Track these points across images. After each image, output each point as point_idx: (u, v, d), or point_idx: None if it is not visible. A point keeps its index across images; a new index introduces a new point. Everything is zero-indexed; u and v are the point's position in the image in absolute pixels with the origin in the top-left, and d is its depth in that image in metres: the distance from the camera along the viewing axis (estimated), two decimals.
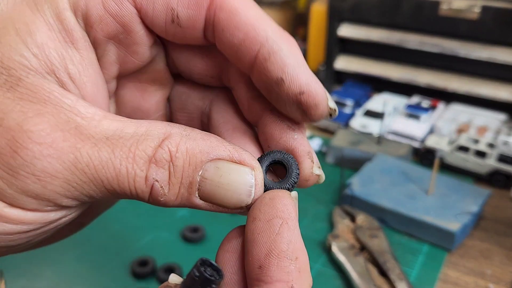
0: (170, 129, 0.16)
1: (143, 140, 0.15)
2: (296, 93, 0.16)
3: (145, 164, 0.15)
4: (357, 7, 0.72)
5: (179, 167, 0.15)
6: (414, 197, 0.49)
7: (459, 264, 0.44)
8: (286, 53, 0.16)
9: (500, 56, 0.64)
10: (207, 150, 0.15)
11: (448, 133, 0.62)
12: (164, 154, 0.15)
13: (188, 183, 0.15)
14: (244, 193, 0.15)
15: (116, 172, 0.15)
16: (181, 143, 0.15)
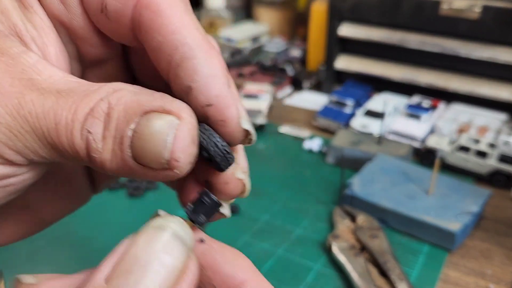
0: (123, 85, 0.15)
1: (91, 94, 0.14)
2: (203, 104, 0.15)
3: (84, 115, 0.14)
4: (357, 6, 0.72)
5: (113, 119, 0.14)
6: (414, 197, 0.49)
7: (460, 264, 0.44)
8: (200, 61, 0.15)
9: (501, 56, 0.64)
10: (143, 102, 0.14)
11: (448, 133, 0.61)
12: (103, 105, 0.14)
13: (120, 138, 0.14)
14: (160, 144, 0.14)
15: (56, 122, 0.14)
16: (123, 96, 0.14)
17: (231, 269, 0.15)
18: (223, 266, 0.15)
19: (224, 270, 0.15)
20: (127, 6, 0.15)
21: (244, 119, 0.15)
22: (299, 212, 0.51)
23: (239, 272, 0.15)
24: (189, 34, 0.15)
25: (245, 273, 0.15)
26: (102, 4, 0.16)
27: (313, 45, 0.86)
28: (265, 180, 0.57)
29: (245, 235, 0.47)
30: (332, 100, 0.70)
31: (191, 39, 0.15)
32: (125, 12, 0.16)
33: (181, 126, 0.14)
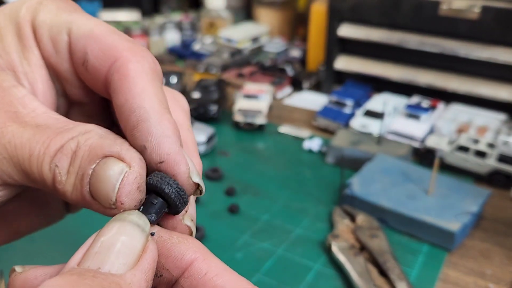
0: (92, 128, 0.17)
1: (64, 132, 0.16)
2: (156, 162, 0.17)
3: (55, 151, 0.16)
4: (357, 7, 0.72)
5: (78, 158, 0.16)
6: (414, 197, 0.49)
7: (459, 264, 0.44)
8: (153, 123, 0.16)
9: (500, 56, 0.64)
10: (105, 146, 0.16)
11: (448, 133, 0.62)
12: (72, 144, 0.16)
13: (82, 175, 0.16)
14: (110, 188, 0.16)
15: (30, 153, 0.16)
16: (91, 138, 0.16)
17: (179, 251, 0.16)
18: (172, 250, 0.16)
19: (173, 253, 0.16)
20: (104, 66, 0.17)
21: (194, 174, 0.17)
22: (299, 212, 0.51)
23: (187, 253, 0.16)
24: (147, 99, 0.17)
25: (193, 253, 0.16)
26: (84, 58, 0.18)
27: (313, 45, 0.86)
28: (264, 180, 0.57)
29: (245, 235, 0.47)
30: (332, 100, 0.70)
31: (148, 104, 0.17)
32: (101, 70, 0.18)
33: (129, 174, 0.16)
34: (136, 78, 0.17)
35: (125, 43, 0.18)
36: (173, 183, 0.16)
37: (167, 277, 0.16)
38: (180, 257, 0.16)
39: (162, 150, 0.16)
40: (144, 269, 0.15)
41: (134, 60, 0.17)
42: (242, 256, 0.44)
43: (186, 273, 0.16)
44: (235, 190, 0.54)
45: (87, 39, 0.18)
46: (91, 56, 0.18)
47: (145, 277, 0.15)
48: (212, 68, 0.87)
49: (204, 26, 1.04)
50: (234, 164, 0.60)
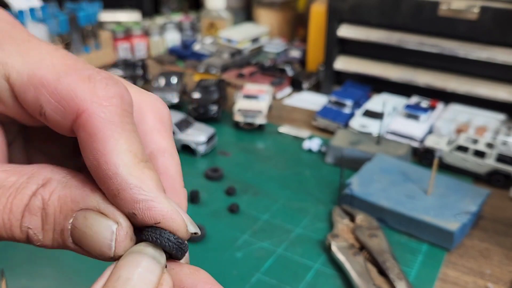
0: (51, 176, 0.16)
1: (22, 189, 0.16)
2: (151, 223, 0.16)
3: (21, 213, 0.16)
4: (356, 7, 0.73)
5: (50, 215, 0.16)
6: (413, 197, 0.49)
7: (458, 263, 0.44)
8: (135, 190, 0.16)
9: (499, 56, 0.64)
10: (78, 199, 0.16)
11: (447, 133, 0.62)
12: (37, 202, 0.16)
13: (60, 230, 0.16)
14: (105, 246, 0.16)
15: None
16: (55, 190, 0.16)
17: (191, 282, 0.16)
18: (184, 281, 0.16)
19: (185, 284, 0.16)
20: (66, 120, 0.16)
21: (191, 225, 0.17)
22: (298, 211, 0.51)
23: (198, 283, 0.16)
24: (121, 162, 0.16)
25: (203, 283, 0.16)
26: (40, 110, 0.16)
27: (312, 46, 0.86)
28: (264, 179, 0.57)
29: (245, 234, 0.47)
30: (332, 100, 0.70)
31: (123, 168, 0.16)
32: (63, 123, 0.16)
33: (120, 230, 0.16)
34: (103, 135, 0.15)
35: (84, 86, 0.15)
36: (172, 239, 0.16)
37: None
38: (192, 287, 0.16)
39: (155, 214, 0.16)
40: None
41: (97, 112, 0.15)
42: (242, 256, 0.44)
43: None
44: (235, 190, 0.54)
45: (36, 89, 0.16)
46: (47, 109, 0.16)
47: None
48: (212, 69, 0.87)
49: (204, 27, 1.04)
50: (234, 164, 0.60)
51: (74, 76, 0.16)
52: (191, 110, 0.69)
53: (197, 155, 0.61)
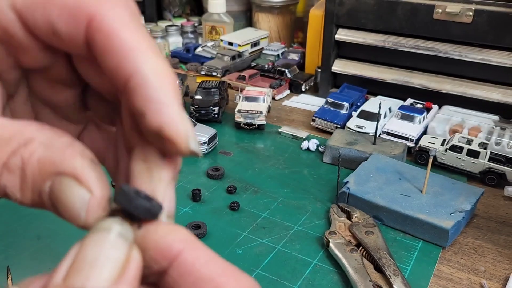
0: (34, 135, 0.15)
1: (3, 146, 0.15)
2: (155, 129, 0.15)
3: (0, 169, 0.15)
4: (353, 11, 0.74)
5: (28, 176, 0.15)
6: (408, 195, 0.50)
7: (453, 260, 0.45)
8: (153, 87, 0.15)
9: (493, 58, 0.66)
10: (56, 162, 0.15)
11: (441, 133, 0.63)
12: (16, 161, 0.15)
13: (38, 192, 0.15)
14: (75, 214, 0.15)
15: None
16: (36, 151, 0.15)
17: (167, 243, 0.15)
18: (159, 242, 0.15)
19: (161, 246, 0.15)
20: (78, 29, 0.16)
21: (192, 140, 0.16)
22: (297, 209, 0.52)
23: (174, 244, 0.15)
24: (142, 58, 0.15)
25: (180, 243, 0.15)
26: (51, 30, 0.16)
27: (310, 49, 0.88)
28: (264, 178, 0.58)
29: (246, 232, 0.48)
30: (329, 102, 0.72)
31: (145, 65, 0.15)
32: (77, 35, 0.16)
33: (92, 200, 0.15)
34: (123, 33, 0.15)
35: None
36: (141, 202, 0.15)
37: (157, 269, 0.15)
38: (168, 248, 0.15)
39: (162, 118, 0.15)
40: (129, 280, 0.14)
41: (111, 14, 0.15)
42: (243, 252, 0.45)
43: (175, 264, 0.15)
44: (235, 188, 0.55)
45: (44, 7, 0.15)
46: (59, 25, 0.15)
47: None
48: (213, 71, 0.89)
49: (206, 31, 1.06)
50: (235, 163, 0.61)
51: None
52: (193, 111, 0.71)
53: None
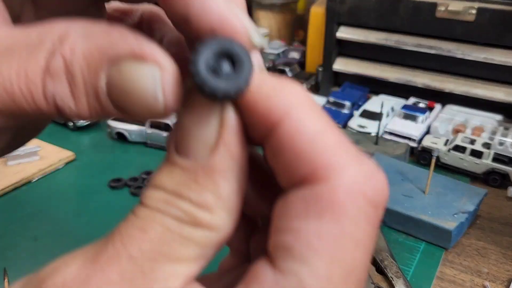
0: (67, 29, 0.13)
1: (34, 49, 0.12)
2: (207, 31, 0.13)
3: (39, 77, 0.12)
4: (355, 9, 0.73)
5: (77, 75, 0.12)
6: (411, 196, 0.50)
7: (456, 262, 0.45)
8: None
9: (496, 57, 0.65)
10: (106, 49, 0.12)
11: (444, 133, 0.62)
12: (58, 62, 0.12)
13: (94, 93, 0.12)
14: (150, 97, 0.12)
15: (10, 95, 0.12)
16: (76, 44, 0.12)
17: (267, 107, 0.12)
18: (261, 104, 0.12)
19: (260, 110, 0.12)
20: None
21: (255, 34, 0.13)
22: None
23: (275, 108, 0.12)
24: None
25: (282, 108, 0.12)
26: None
27: (311, 47, 0.87)
28: None
29: None
30: (330, 101, 0.71)
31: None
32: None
33: (165, 75, 0.12)
34: None
35: None
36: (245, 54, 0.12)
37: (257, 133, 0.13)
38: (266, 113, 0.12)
39: (212, 17, 0.12)
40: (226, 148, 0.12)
41: None
42: None
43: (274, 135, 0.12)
44: None
45: None
46: None
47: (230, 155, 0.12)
48: None
49: None
50: None
51: None
52: None
53: None
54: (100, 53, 0.12)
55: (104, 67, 0.12)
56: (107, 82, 0.12)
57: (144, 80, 0.12)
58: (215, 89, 0.12)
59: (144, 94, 0.12)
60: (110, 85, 0.12)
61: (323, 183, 0.12)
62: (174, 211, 0.13)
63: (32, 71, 0.12)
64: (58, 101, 0.13)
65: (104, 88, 0.12)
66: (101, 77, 0.12)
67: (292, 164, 0.12)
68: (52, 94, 0.12)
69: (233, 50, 0.12)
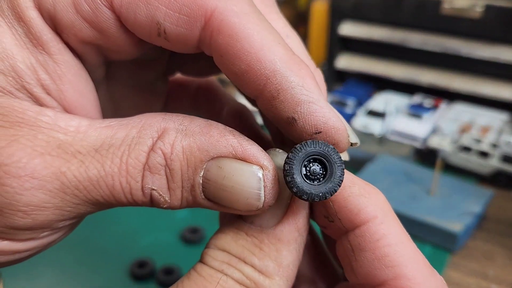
0: (165, 125, 0.14)
1: (135, 145, 0.13)
2: (311, 133, 0.14)
3: (140, 173, 0.13)
4: (358, 5, 0.72)
5: (176, 171, 0.13)
6: (416, 198, 0.49)
7: (462, 265, 0.44)
8: (298, 89, 0.14)
9: (503, 55, 0.64)
10: (206, 147, 0.13)
11: (450, 132, 0.61)
12: (158, 159, 0.13)
13: (190, 187, 0.14)
14: (252, 197, 0.13)
15: (110, 189, 0.13)
16: (176, 141, 0.13)
17: (357, 205, 0.14)
18: (349, 201, 0.14)
19: (350, 205, 0.14)
20: (193, 31, 0.14)
21: (352, 134, 0.15)
22: None
23: (365, 209, 0.14)
24: (277, 57, 0.13)
25: (371, 211, 0.14)
26: (159, 30, 0.14)
27: (314, 44, 0.86)
28: None
29: None
30: (333, 99, 0.70)
31: (281, 64, 0.13)
32: (190, 36, 0.14)
33: (268, 176, 0.13)
34: (249, 33, 0.13)
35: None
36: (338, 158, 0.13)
37: (338, 226, 0.14)
38: (356, 211, 0.14)
39: (318, 120, 0.13)
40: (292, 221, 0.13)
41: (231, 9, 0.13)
42: None
43: (358, 231, 0.14)
44: None
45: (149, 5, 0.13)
46: (168, 25, 0.13)
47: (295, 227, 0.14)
48: None
49: None
50: None
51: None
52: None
53: None
54: (200, 151, 0.13)
55: (203, 165, 0.13)
56: (203, 177, 0.13)
57: (249, 181, 0.13)
58: (312, 195, 0.13)
59: (246, 193, 0.13)
60: (207, 179, 0.13)
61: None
62: (236, 274, 0.14)
63: (133, 166, 0.13)
64: (154, 194, 0.14)
65: (200, 183, 0.13)
66: (200, 174, 0.13)
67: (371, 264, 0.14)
68: (150, 187, 0.13)
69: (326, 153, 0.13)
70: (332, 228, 0.15)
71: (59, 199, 0.13)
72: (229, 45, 0.13)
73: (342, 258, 0.15)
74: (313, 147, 0.13)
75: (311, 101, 0.14)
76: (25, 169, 0.13)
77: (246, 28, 0.13)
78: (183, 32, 0.14)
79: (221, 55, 0.14)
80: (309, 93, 0.14)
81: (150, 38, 0.14)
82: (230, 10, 0.13)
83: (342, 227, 0.14)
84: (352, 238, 0.14)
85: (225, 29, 0.13)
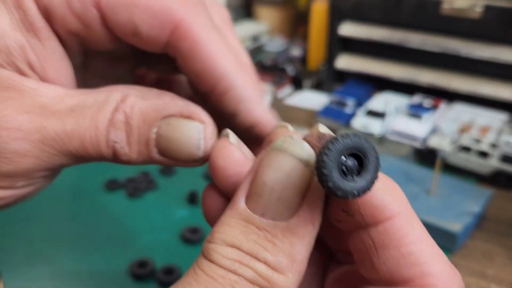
0: (127, 92, 0.17)
1: (103, 106, 0.16)
2: (248, 126, 0.17)
3: (106, 128, 0.16)
4: (358, 5, 0.72)
5: (134, 127, 0.16)
6: (415, 198, 0.49)
7: (461, 265, 0.44)
8: (241, 90, 0.17)
9: (503, 55, 0.64)
10: (159, 108, 0.16)
11: (450, 133, 0.61)
12: (120, 117, 0.16)
13: (145, 141, 0.16)
14: (193, 147, 0.16)
15: (81, 141, 0.16)
16: (135, 104, 0.16)
17: (381, 201, 0.14)
18: (374, 197, 0.14)
19: (374, 201, 0.14)
20: (162, 34, 0.17)
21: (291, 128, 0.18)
22: None
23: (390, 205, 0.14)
24: (227, 63, 0.17)
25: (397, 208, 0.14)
26: (134, 30, 0.17)
27: (313, 44, 0.86)
28: None
29: None
30: (333, 99, 0.70)
31: (230, 69, 0.17)
32: (160, 38, 0.17)
33: (207, 129, 0.16)
34: (208, 41, 0.17)
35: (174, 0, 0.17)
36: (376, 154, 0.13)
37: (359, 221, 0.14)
38: (381, 208, 0.14)
39: (254, 116, 0.17)
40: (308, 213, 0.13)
41: (195, 21, 0.17)
42: None
43: (381, 228, 0.14)
44: None
45: (128, 9, 0.16)
46: (143, 27, 0.17)
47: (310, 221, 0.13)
48: None
49: None
50: None
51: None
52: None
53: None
54: (154, 111, 0.16)
55: (156, 122, 0.16)
56: (156, 133, 0.16)
57: (191, 133, 0.16)
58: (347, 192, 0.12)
59: (189, 143, 0.16)
60: (159, 134, 0.16)
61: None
62: (249, 273, 0.13)
63: (101, 122, 0.16)
64: (116, 146, 0.16)
65: (154, 138, 0.16)
66: (153, 130, 0.16)
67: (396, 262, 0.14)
68: (113, 141, 0.16)
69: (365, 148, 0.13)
70: (350, 222, 0.14)
71: (39, 149, 0.16)
72: (191, 49, 0.17)
73: (357, 252, 0.15)
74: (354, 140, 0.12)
75: (251, 101, 0.17)
76: (13, 122, 0.16)
77: (206, 37, 0.17)
78: (154, 34, 0.17)
79: (183, 57, 0.17)
80: (251, 95, 0.17)
81: (126, 36, 0.17)
82: (195, 21, 0.17)
83: (363, 222, 0.14)
84: (375, 234, 0.14)
85: (189, 36, 0.17)
